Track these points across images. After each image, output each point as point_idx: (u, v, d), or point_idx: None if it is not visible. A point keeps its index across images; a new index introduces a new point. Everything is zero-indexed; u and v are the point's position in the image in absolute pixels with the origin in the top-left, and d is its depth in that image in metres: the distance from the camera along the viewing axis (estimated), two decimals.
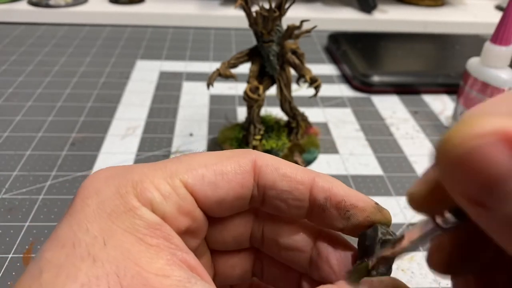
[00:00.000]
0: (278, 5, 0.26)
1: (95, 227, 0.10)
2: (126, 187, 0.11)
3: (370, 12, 0.60)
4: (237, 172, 0.12)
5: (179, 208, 0.11)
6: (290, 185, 0.12)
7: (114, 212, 0.11)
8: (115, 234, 0.10)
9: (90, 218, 0.10)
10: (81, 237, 0.10)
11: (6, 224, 0.26)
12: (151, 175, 0.11)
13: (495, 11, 0.66)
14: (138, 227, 0.10)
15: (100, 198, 0.11)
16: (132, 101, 0.40)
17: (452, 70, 0.44)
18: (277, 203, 0.12)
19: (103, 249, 0.10)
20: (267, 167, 0.12)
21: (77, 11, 0.57)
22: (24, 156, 0.32)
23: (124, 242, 0.10)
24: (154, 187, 0.11)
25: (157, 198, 0.11)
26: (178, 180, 0.11)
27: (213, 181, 0.12)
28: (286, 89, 0.31)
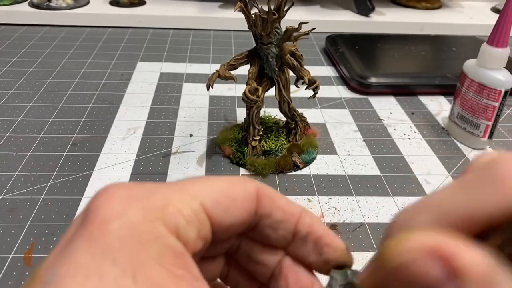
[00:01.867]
0: (277, 7, 0.27)
1: (122, 258, 0.09)
2: (154, 213, 0.10)
3: (367, 15, 0.61)
4: (245, 199, 0.13)
5: (199, 233, 0.11)
6: (283, 217, 0.13)
7: (143, 240, 0.10)
8: (144, 266, 0.09)
9: (117, 247, 0.09)
10: (108, 270, 0.09)
11: (7, 224, 0.26)
12: (174, 199, 0.11)
13: (491, 13, 0.67)
14: (167, 257, 0.10)
15: (126, 223, 0.10)
16: (132, 102, 0.41)
17: (449, 72, 0.45)
18: (267, 231, 0.13)
19: (133, 285, 0.09)
20: (266, 198, 0.13)
21: (78, 13, 0.57)
22: (26, 157, 0.32)
23: (154, 275, 0.09)
24: (179, 212, 0.11)
25: (182, 224, 0.11)
26: (198, 203, 0.11)
27: (227, 207, 0.12)
28: (285, 90, 0.32)
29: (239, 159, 0.32)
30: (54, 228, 0.26)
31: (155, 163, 0.32)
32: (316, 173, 0.32)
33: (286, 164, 0.32)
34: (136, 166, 0.32)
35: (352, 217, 0.28)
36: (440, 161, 0.34)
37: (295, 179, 0.31)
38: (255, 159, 0.32)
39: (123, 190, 0.11)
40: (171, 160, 0.33)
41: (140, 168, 0.32)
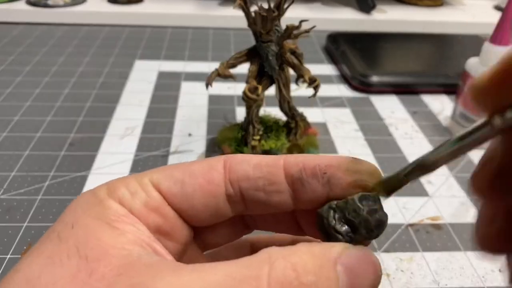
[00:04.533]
0: (277, 5, 0.26)
1: (68, 218, 0.11)
2: (101, 189, 0.12)
3: (369, 12, 0.60)
4: (205, 170, 0.12)
5: (146, 204, 0.12)
6: (262, 171, 0.12)
7: (87, 206, 0.12)
8: (83, 220, 0.11)
9: (67, 213, 0.12)
10: (55, 227, 0.11)
11: (4, 225, 0.26)
12: (124, 178, 0.12)
13: (494, 11, 0.66)
14: (107, 215, 0.11)
15: (78, 200, 0.12)
16: (130, 101, 0.40)
17: (451, 70, 0.44)
18: (256, 194, 0.12)
19: (70, 231, 0.11)
20: (237, 163, 0.12)
21: (76, 11, 0.57)
22: (23, 156, 0.32)
23: (90, 224, 0.11)
24: (124, 186, 0.12)
25: (125, 194, 0.12)
26: (147, 178, 0.12)
27: (180, 179, 0.12)
28: (285, 89, 0.31)
29: None
30: None
31: (154, 162, 0.32)
32: None
33: None
34: (134, 165, 0.32)
35: None
36: None
37: None
38: None
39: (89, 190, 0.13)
40: (169, 159, 0.33)
41: (138, 167, 0.31)
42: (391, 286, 0.24)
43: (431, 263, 0.25)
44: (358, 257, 0.10)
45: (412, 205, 0.29)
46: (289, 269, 0.09)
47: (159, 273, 0.10)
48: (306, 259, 0.10)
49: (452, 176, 0.32)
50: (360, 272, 0.10)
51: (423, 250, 0.26)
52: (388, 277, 0.24)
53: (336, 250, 0.10)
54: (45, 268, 0.10)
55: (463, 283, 0.24)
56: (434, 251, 0.26)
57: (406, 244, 0.26)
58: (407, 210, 0.29)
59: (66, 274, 0.10)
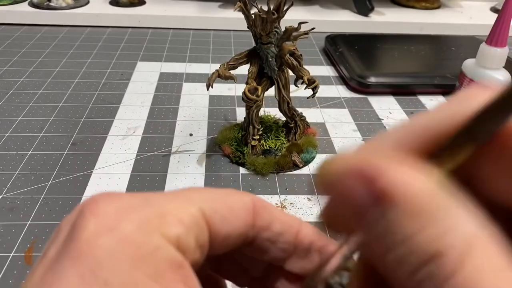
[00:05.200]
0: (276, 7, 0.27)
1: (115, 278, 0.08)
2: (150, 223, 0.09)
3: (367, 15, 0.61)
4: (242, 208, 0.12)
5: (197, 240, 0.10)
6: (283, 228, 0.13)
7: (137, 255, 0.09)
8: (139, 286, 0.09)
9: (108, 266, 0.09)
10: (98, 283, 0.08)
11: (7, 223, 0.27)
12: (172, 206, 0.10)
13: (490, 13, 0.67)
14: (165, 274, 0.09)
15: (118, 237, 0.09)
16: (132, 101, 0.41)
17: (448, 71, 0.45)
18: (266, 244, 0.13)
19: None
20: (263, 210, 0.12)
21: (78, 12, 0.57)
22: (26, 156, 0.32)
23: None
24: (178, 221, 0.10)
25: (183, 233, 0.10)
26: (198, 209, 0.11)
27: (225, 215, 0.11)
28: (285, 90, 0.32)
29: (238, 158, 0.32)
30: (55, 227, 0.26)
31: (155, 162, 0.33)
32: (315, 172, 0.32)
33: (286, 164, 0.32)
34: (136, 165, 0.32)
35: None
36: None
37: (295, 178, 0.32)
38: (255, 158, 0.32)
39: (114, 201, 0.10)
40: (171, 159, 0.33)
41: (140, 167, 0.32)
42: None
43: None
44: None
45: None
46: None
47: None
48: None
49: None
50: None
51: None
52: None
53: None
54: None
55: None
56: None
57: None
58: None
59: None
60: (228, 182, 0.31)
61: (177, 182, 0.31)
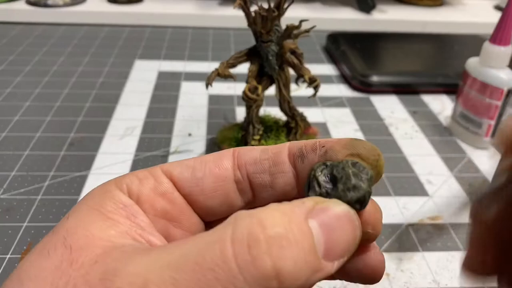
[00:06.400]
0: (277, 5, 0.26)
1: (71, 211, 0.12)
2: (112, 180, 0.12)
3: (369, 12, 0.60)
4: (215, 158, 0.13)
5: (155, 189, 0.12)
6: (267, 154, 0.13)
7: (91, 196, 0.12)
8: (80, 210, 0.11)
9: (74, 207, 0.12)
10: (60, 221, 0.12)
11: (4, 225, 0.26)
12: (137, 170, 0.13)
13: (494, 11, 0.66)
14: (105, 205, 0.11)
15: (88, 194, 0.12)
16: (130, 101, 0.40)
17: (451, 70, 0.44)
18: (262, 177, 0.12)
19: (65, 222, 0.11)
20: (245, 150, 0.13)
21: (76, 10, 0.57)
22: (22, 156, 0.32)
23: (84, 215, 0.11)
24: (133, 174, 0.12)
25: (133, 181, 0.12)
26: (158, 167, 0.13)
27: (191, 165, 0.13)
28: (285, 89, 0.31)
29: None
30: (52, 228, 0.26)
31: (154, 162, 0.32)
32: None
33: None
34: (134, 165, 0.32)
35: None
36: (442, 161, 0.34)
37: None
38: None
39: None
40: (169, 159, 0.33)
41: (138, 167, 0.31)
42: (390, 285, 0.24)
43: (431, 263, 0.25)
44: (334, 212, 0.10)
45: (412, 205, 0.29)
46: (255, 224, 0.09)
47: (132, 255, 0.10)
48: (274, 214, 0.09)
49: (453, 176, 0.32)
50: (337, 227, 0.09)
51: (423, 250, 0.26)
52: (388, 276, 0.24)
53: (307, 205, 0.10)
54: (34, 262, 0.10)
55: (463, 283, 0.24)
56: (434, 251, 0.26)
57: (406, 244, 0.26)
58: (407, 210, 0.29)
59: (50, 265, 0.10)
60: None
61: None
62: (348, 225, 0.10)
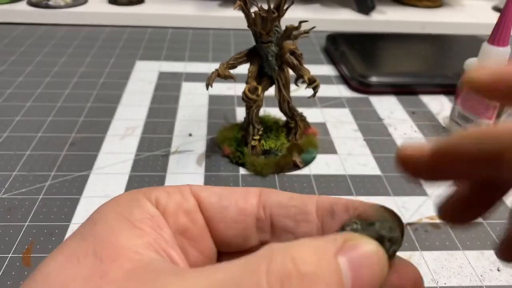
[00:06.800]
0: (276, 6, 0.27)
1: (96, 215, 0.12)
2: (140, 190, 0.13)
3: (368, 13, 0.61)
4: (243, 191, 0.13)
5: (180, 205, 0.12)
6: (295, 201, 0.13)
7: (118, 203, 0.12)
8: (108, 216, 0.11)
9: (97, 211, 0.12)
10: (83, 224, 0.12)
11: (5, 224, 0.26)
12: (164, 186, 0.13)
13: (492, 12, 0.67)
14: (133, 213, 0.12)
15: (115, 198, 0.12)
16: (131, 101, 0.40)
17: (450, 71, 0.44)
18: (285, 222, 0.13)
19: (93, 228, 0.11)
20: (273, 192, 0.13)
21: (77, 11, 0.57)
22: (24, 156, 0.32)
23: (113, 223, 0.11)
24: (163, 189, 0.13)
25: (162, 194, 0.12)
26: (187, 186, 0.13)
27: (219, 193, 0.13)
28: (285, 89, 0.31)
29: (238, 158, 0.32)
30: (53, 227, 0.26)
31: (154, 162, 0.32)
32: (316, 173, 0.32)
33: (286, 164, 0.32)
34: (135, 165, 0.32)
35: None
36: None
37: (295, 178, 0.31)
38: (255, 158, 0.32)
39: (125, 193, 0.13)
40: (170, 159, 0.33)
41: (139, 167, 0.32)
42: None
43: (429, 262, 0.25)
44: (363, 249, 0.10)
45: (411, 204, 0.29)
46: (288, 261, 0.09)
47: (167, 277, 0.10)
48: (306, 250, 0.10)
49: None
50: (364, 265, 0.10)
51: (422, 249, 0.26)
52: None
53: (338, 241, 0.10)
54: (62, 267, 0.10)
55: (461, 282, 0.24)
56: (433, 250, 0.26)
57: (405, 243, 0.26)
58: (406, 209, 0.29)
59: (80, 274, 0.10)
60: (228, 183, 0.31)
61: (177, 183, 0.30)
62: (376, 263, 0.10)
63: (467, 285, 0.24)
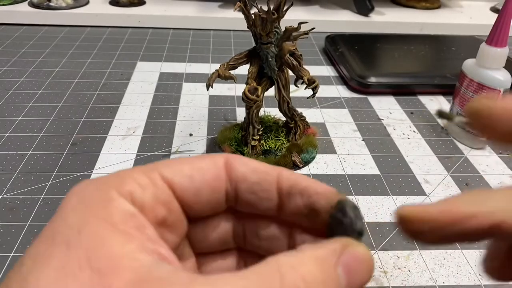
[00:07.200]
0: (276, 7, 0.27)
1: (73, 219, 0.11)
2: (107, 183, 0.12)
3: (367, 15, 0.61)
4: (210, 166, 0.13)
5: (156, 198, 0.12)
6: (259, 177, 0.13)
7: (92, 203, 0.11)
8: (90, 222, 0.11)
9: (69, 212, 0.11)
10: (59, 229, 0.11)
11: (7, 224, 0.27)
12: (130, 172, 0.12)
13: (490, 13, 0.67)
14: (112, 215, 0.11)
15: (81, 194, 0.12)
16: (132, 101, 0.41)
17: (448, 71, 0.45)
18: (249, 196, 0.13)
19: (77, 237, 0.10)
20: (238, 164, 0.13)
21: (78, 12, 0.57)
22: (26, 156, 0.32)
23: (98, 229, 0.10)
24: (133, 180, 0.12)
25: (136, 189, 0.12)
26: (156, 173, 0.12)
27: (189, 174, 0.13)
28: (285, 90, 0.32)
29: None
30: None
31: None
32: (315, 173, 0.32)
33: (286, 164, 0.32)
34: (136, 165, 0.32)
35: None
36: (439, 161, 0.34)
37: None
38: (255, 158, 0.32)
39: (89, 180, 0.12)
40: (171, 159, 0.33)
41: None
42: (388, 283, 0.24)
43: (428, 261, 0.26)
44: (356, 255, 0.11)
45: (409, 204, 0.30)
46: (299, 280, 0.10)
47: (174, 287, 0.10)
48: (311, 267, 0.10)
49: (449, 175, 0.33)
50: (357, 269, 0.11)
51: (421, 248, 0.26)
52: (386, 274, 0.24)
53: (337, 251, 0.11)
54: (58, 282, 0.09)
55: (460, 281, 0.24)
56: (431, 249, 0.26)
57: (404, 242, 0.27)
58: None
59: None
60: None
61: None
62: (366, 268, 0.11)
63: (465, 284, 0.24)
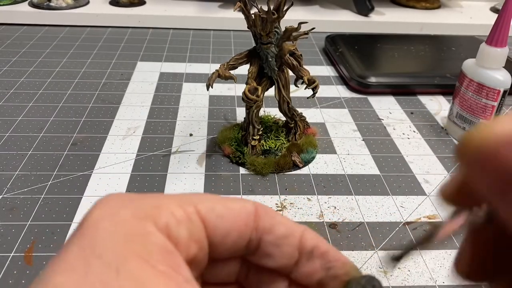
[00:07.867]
0: (276, 7, 0.27)
1: (109, 253, 0.10)
2: (144, 211, 0.11)
3: (367, 15, 0.61)
4: (242, 210, 0.13)
5: (191, 234, 0.11)
6: (286, 232, 0.13)
7: (130, 236, 0.10)
8: (128, 260, 0.10)
9: (104, 242, 0.10)
10: (93, 263, 0.10)
11: (7, 223, 0.27)
12: (166, 201, 0.12)
13: (490, 13, 0.67)
14: (152, 254, 0.10)
15: (115, 220, 0.11)
16: (132, 101, 0.41)
17: (448, 71, 0.45)
18: (271, 249, 0.13)
19: (116, 279, 0.09)
20: (266, 214, 0.13)
21: (78, 13, 0.58)
22: (26, 156, 0.33)
23: (138, 272, 0.10)
24: (170, 212, 0.11)
25: (172, 223, 0.11)
26: (192, 207, 0.12)
27: (221, 214, 0.12)
28: (285, 90, 0.32)
29: (238, 158, 0.32)
30: (55, 227, 0.27)
31: (155, 162, 0.33)
32: (315, 173, 0.32)
33: (286, 164, 0.32)
34: (136, 165, 0.32)
35: (351, 216, 0.28)
36: (439, 160, 0.34)
37: (295, 178, 0.32)
38: (255, 158, 0.32)
39: (118, 197, 0.11)
40: (171, 159, 0.33)
41: (140, 167, 0.32)
42: (388, 283, 0.24)
43: (428, 261, 0.26)
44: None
45: (409, 204, 0.30)
46: None
47: None
48: None
49: (449, 175, 0.33)
50: None
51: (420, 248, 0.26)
52: (386, 274, 0.25)
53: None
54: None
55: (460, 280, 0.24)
56: (431, 250, 0.26)
57: (403, 242, 0.27)
58: (404, 209, 0.29)
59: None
60: (228, 182, 0.31)
61: (177, 182, 0.31)
62: None
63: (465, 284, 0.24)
